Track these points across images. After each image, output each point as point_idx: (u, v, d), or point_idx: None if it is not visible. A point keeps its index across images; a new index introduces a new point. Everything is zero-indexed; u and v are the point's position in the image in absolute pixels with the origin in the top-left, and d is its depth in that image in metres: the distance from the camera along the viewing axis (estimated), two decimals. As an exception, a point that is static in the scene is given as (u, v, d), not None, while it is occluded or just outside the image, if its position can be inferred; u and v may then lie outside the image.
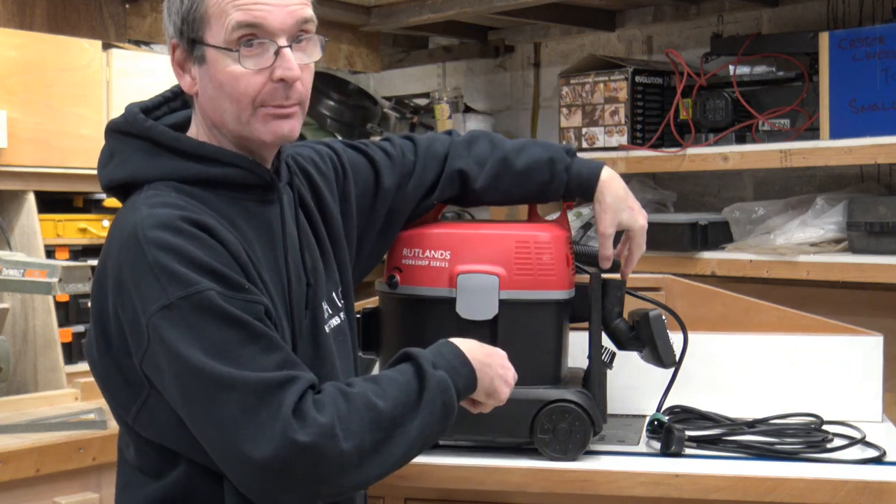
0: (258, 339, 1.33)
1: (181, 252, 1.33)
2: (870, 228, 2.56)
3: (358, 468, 1.33)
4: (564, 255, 1.81)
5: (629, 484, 1.76)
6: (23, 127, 2.71)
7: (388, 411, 1.36)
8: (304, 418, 1.29)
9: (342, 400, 1.34)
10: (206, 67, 1.44)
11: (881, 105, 2.57)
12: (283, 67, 1.42)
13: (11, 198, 2.81)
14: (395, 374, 1.42)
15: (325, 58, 3.65)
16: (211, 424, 1.31)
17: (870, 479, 1.70)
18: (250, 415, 1.29)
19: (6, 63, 2.70)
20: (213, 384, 1.30)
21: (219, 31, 1.41)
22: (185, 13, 1.43)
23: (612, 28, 3.50)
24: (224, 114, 1.45)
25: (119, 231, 1.39)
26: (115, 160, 1.47)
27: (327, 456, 1.30)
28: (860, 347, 2.07)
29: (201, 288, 1.32)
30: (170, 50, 1.48)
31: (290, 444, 1.28)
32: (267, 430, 1.28)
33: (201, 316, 1.31)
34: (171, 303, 1.31)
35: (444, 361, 1.45)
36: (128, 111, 1.49)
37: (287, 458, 1.28)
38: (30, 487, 2.22)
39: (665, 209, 3.21)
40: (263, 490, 1.32)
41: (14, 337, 2.74)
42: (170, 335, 1.31)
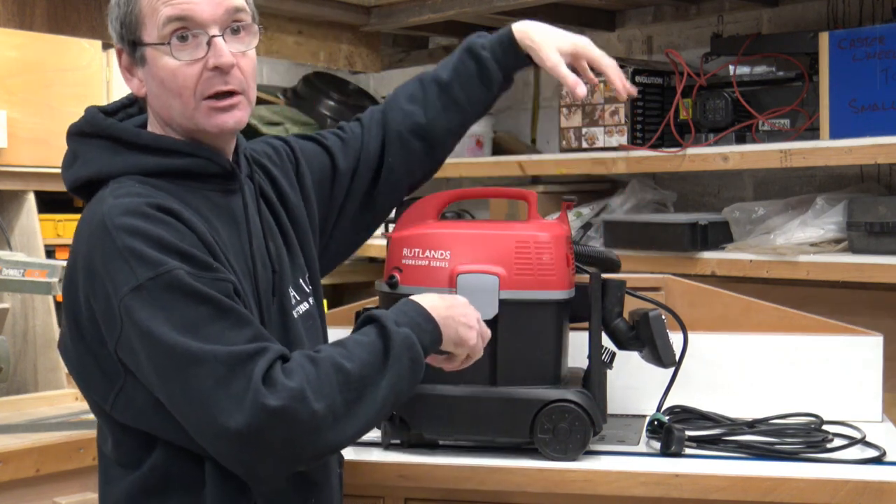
0: (227, 314, 1.36)
1: (148, 235, 1.37)
2: (870, 228, 2.56)
3: (332, 429, 1.36)
4: (564, 255, 1.81)
5: (629, 484, 1.76)
6: (23, 127, 2.71)
7: (356, 371, 1.39)
8: (274, 385, 1.32)
9: (310, 365, 1.37)
10: (148, 67, 1.50)
11: (881, 105, 2.57)
12: (215, 56, 1.46)
13: (11, 198, 2.80)
14: (360, 336, 1.45)
15: (325, 58, 3.66)
16: (185, 399, 1.34)
17: (870, 479, 1.70)
18: (223, 386, 1.31)
19: (6, 63, 2.70)
20: (184, 360, 1.32)
21: (153, 30, 1.47)
22: (123, 17, 1.50)
23: (612, 28, 3.50)
24: (171, 110, 1.50)
25: (87, 223, 1.43)
26: (79, 161, 1.51)
27: (299, 418, 1.32)
28: (860, 347, 2.07)
29: (170, 268, 1.35)
30: (117, 56, 1.55)
31: (261, 410, 1.30)
32: (239, 400, 1.31)
33: (171, 295, 1.34)
34: (140, 284, 1.34)
35: (407, 319, 1.48)
36: (88, 113, 1.54)
37: (260, 424, 1.31)
38: (30, 487, 2.22)
39: (665, 209, 3.21)
40: (242, 460, 1.35)
41: (14, 337, 2.73)
42: (141, 315, 1.34)
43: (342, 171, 1.80)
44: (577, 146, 3.13)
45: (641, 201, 3.16)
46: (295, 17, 3.57)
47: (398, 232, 1.86)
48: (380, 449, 1.88)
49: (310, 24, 3.61)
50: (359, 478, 1.83)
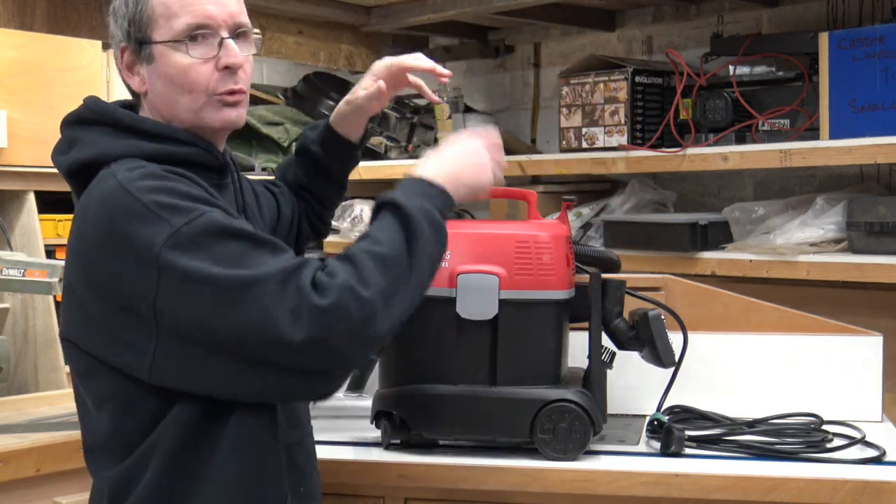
0: (264, 244, 1.41)
1: (173, 189, 1.41)
2: (870, 228, 2.56)
3: (386, 310, 1.39)
4: (564, 255, 1.81)
5: (629, 484, 1.76)
6: (23, 127, 2.71)
7: (389, 252, 1.42)
8: (321, 286, 1.36)
9: (346, 262, 1.41)
10: (155, 65, 1.55)
11: (881, 105, 2.57)
12: (227, 56, 1.55)
13: (11, 198, 2.80)
14: (378, 223, 1.48)
15: (325, 58, 3.66)
16: (245, 323, 1.35)
17: (870, 479, 1.70)
18: (278, 300, 1.34)
19: (6, 63, 2.70)
20: (237, 288, 1.35)
21: (166, 29, 1.53)
22: (132, 16, 1.55)
23: (612, 28, 3.50)
24: (176, 106, 1.55)
25: (97, 199, 1.44)
26: (77, 145, 1.54)
27: (353, 309, 1.35)
28: (860, 347, 2.07)
29: (202, 211, 1.39)
30: (118, 55, 1.59)
31: (317, 312, 1.34)
32: (296, 311, 1.34)
33: (207, 236, 1.38)
34: (176, 230, 1.37)
35: (414, 192, 1.52)
36: (89, 100, 1.58)
37: (321, 326, 1.34)
38: (30, 487, 2.22)
39: (665, 209, 3.21)
40: (315, 366, 1.37)
41: (14, 337, 2.73)
42: (182, 260, 1.36)
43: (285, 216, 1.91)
44: (577, 146, 3.13)
45: (641, 201, 3.16)
46: (295, 17, 3.57)
47: (398, 232, 1.86)
48: (380, 449, 1.88)
49: (310, 24, 3.61)
50: (359, 478, 1.83)
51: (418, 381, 1.82)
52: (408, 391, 1.83)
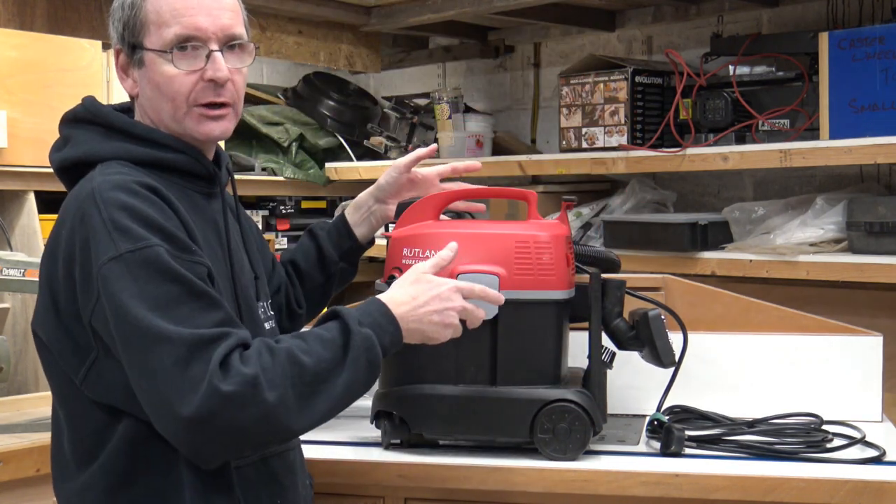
0: (199, 296, 1.40)
1: (134, 210, 1.41)
2: (869, 228, 2.56)
3: (282, 420, 1.38)
4: (564, 255, 1.81)
5: (629, 484, 1.76)
6: (23, 127, 2.71)
7: (312, 367, 1.41)
8: (229, 370, 1.35)
9: (267, 354, 1.39)
10: (145, 70, 1.57)
11: (881, 105, 2.57)
12: (213, 69, 1.55)
13: (11, 198, 2.81)
14: (321, 331, 1.47)
15: (325, 58, 3.66)
16: (144, 376, 1.36)
17: (869, 479, 1.70)
18: (181, 367, 1.33)
19: (6, 63, 2.70)
20: (149, 336, 1.35)
21: (156, 37, 1.55)
22: (126, 20, 1.58)
23: (612, 28, 3.50)
24: (161, 112, 1.57)
25: (74, 199, 1.47)
26: (70, 143, 1.56)
27: (250, 404, 1.35)
28: (860, 347, 2.07)
29: (150, 243, 1.39)
30: (114, 56, 1.61)
31: (214, 393, 1.33)
32: (195, 384, 1.33)
33: (146, 270, 1.38)
34: (119, 255, 1.38)
35: (370, 319, 1.49)
36: (86, 100, 1.60)
37: (212, 408, 1.33)
38: (30, 487, 2.22)
39: (665, 209, 3.21)
40: (191, 442, 1.37)
41: (14, 337, 2.74)
42: (115, 286, 1.37)
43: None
44: (577, 146, 3.13)
45: (641, 201, 3.16)
46: (295, 17, 3.57)
47: (398, 232, 1.86)
48: (380, 449, 1.88)
49: (310, 24, 3.61)
50: (359, 478, 1.83)
51: (418, 381, 1.82)
52: (408, 391, 1.83)
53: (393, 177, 1.97)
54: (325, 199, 4.00)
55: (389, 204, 1.98)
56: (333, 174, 3.83)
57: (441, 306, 1.56)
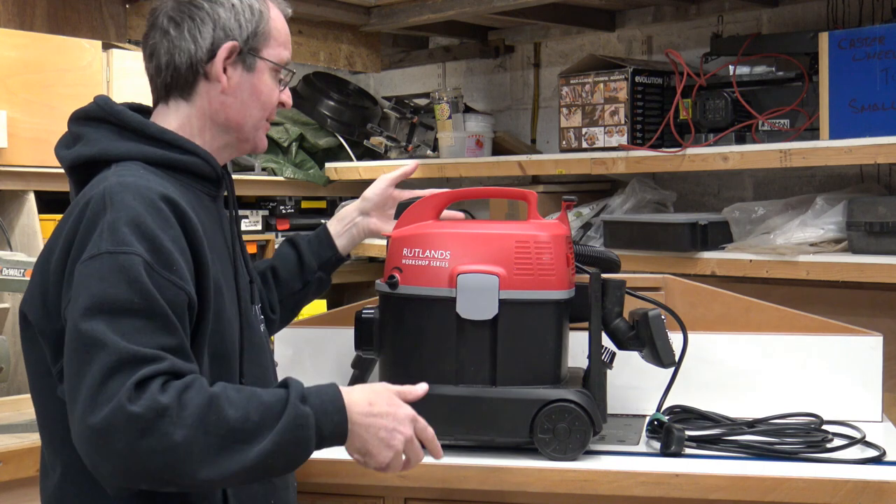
0: (154, 316, 1.37)
1: (135, 216, 1.41)
2: (870, 228, 2.56)
3: (182, 461, 1.32)
4: (564, 255, 1.81)
5: (629, 484, 1.76)
6: (23, 127, 2.71)
7: (234, 422, 1.35)
8: (144, 392, 1.32)
9: (193, 392, 1.34)
10: (251, 75, 1.63)
11: (881, 105, 2.57)
12: (287, 96, 1.70)
13: (11, 198, 2.81)
14: (265, 394, 1.41)
15: (325, 58, 3.66)
16: (71, 375, 1.35)
17: (869, 479, 1.70)
18: (104, 377, 1.32)
19: (6, 63, 2.70)
20: (88, 338, 1.34)
21: (275, 52, 1.65)
22: (255, 25, 1.62)
23: (612, 28, 3.50)
24: (247, 116, 1.63)
25: (84, 199, 1.46)
26: (82, 141, 1.56)
27: (151, 433, 1.30)
28: (860, 347, 2.07)
29: (130, 250, 1.38)
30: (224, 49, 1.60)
31: (119, 410, 1.30)
32: (109, 396, 1.31)
33: (116, 274, 1.37)
34: (98, 254, 1.38)
35: (318, 401, 1.43)
36: (99, 99, 1.59)
37: (113, 424, 1.30)
38: (30, 487, 2.22)
39: (665, 209, 3.21)
40: (89, 453, 1.33)
41: (14, 337, 2.73)
42: (82, 282, 1.37)
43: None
44: (577, 146, 3.13)
45: (641, 201, 3.16)
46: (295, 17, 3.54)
47: (398, 232, 1.86)
48: (380, 449, 1.88)
49: (310, 24, 3.61)
50: (359, 478, 1.83)
51: (418, 381, 1.82)
52: (408, 391, 1.82)
53: (381, 188, 2.03)
54: (325, 199, 4.00)
55: (373, 217, 2.02)
56: (333, 174, 3.83)
57: (392, 425, 1.48)
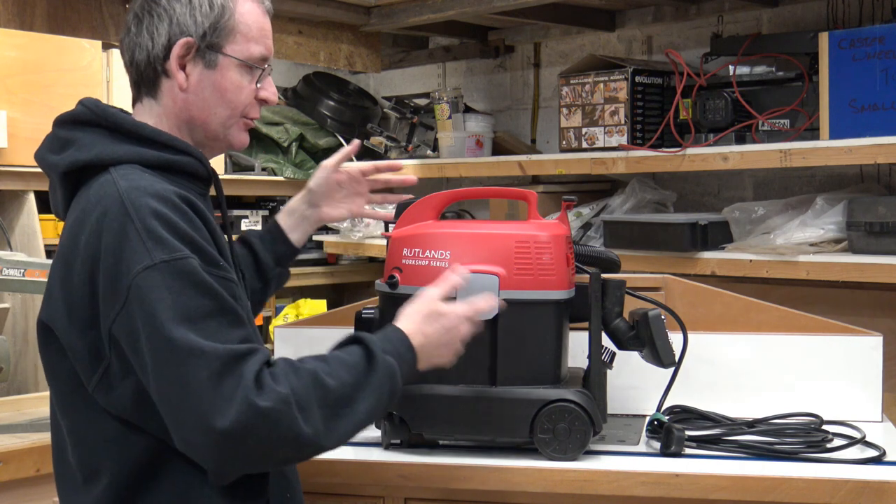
0: (227, 312, 1.40)
1: (168, 220, 1.41)
2: (870, 228, 2.56)
3: (309, 439, 1.38)
4: (564, 255, 1.81)
5: (629, 484, 1.76)
6: (23, 127, 2.71)
7: (335, 389, 1.43)
8: (263, 386, 1.36)
9: (293, 374, 1.40)
10: (212, 72, 1.58)
11: (881, 105, 2.57)
12: (270, 91, 1.64)
13: (11, 198, 2.81)
14: (344, 354, 1.49)
15: (325, 58, 3.66)
16: (175, 388, 1.35)
17: (869, 479, 1.70)
18: (215, 381, 1.34)
19: (6, 63, 2.70)
20: (182, 350, 1.35)
21: (242, 49, 1.59)
22: (214, 20, 1.57)
23: (612, 28, 3.50)
24: (212, 116, 1.60)
25: (95, 205, 1.44)
26: (75, 146, 1.53)
27: (283, 422, 1.36)
28: (860, 347, 2.07)
29: (185, 255, 1.39)
30: (174, 45, 1.56)
31: (250, 408, 1.33)
32: (229, 398, 1.33)
33: (181, 281, 1.38)
34: (154, 264, 1.37)
35: (392, 347, 1.53)
36: (89, 102, 1.57)
37: (248, 422, 1.33)
38: (30, 487, 2.22)
39: (665, 209, 3.21)
40: (220, 456, 1.36)
41: (14, 337, 2.74)
42: (149, 295, 1.36)
43: None
44: (577, 146, 3.13)
45: (641, 201, 3.16)
46: (295, 17, 3.57)
47: (398, 232, 1.86)
48: (380, 449, 1.88)
49: (310, 24, 3.61)
50: (359, 478, 1.83)
51: (418, 381, 1.82)
52: (408, 391, 1.82)
53: (322, 177, 2.01)
54: (325, 199, 3.99)
55: (323, 207, 2.02)
56: (333, 174, 3.83)
57: (449, 338, 1.61)
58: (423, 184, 3.92)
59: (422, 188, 3.93)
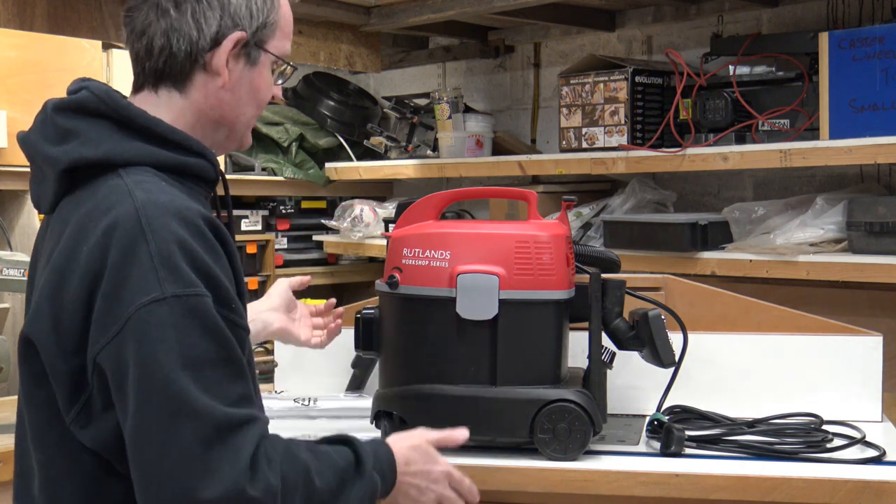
0: (230, 363, 1.28)
1: (187, 247, 1.28)
2: (870, 228, 2.56)
3: None
4: (564, 254, 1.81)
5: (629, 484, 1.76)
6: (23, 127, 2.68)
7: (321, 493, 1.35)
8: (257, 472, 1.26)
9: (288, 462, 1.32)
10: (253, 69, 1.46)
11: (881, 105, 2.57)
12: (279, 89, 1.53)
13: (11, 198, 2.81)
14: (335, 455, 1.41)
15: (325, 58, 3.66)
16: (156, 443, 1.23)
17: (869, 479, 1.70)
18: (204, 448, 1.22)
19: (6, 63, 2.70)
20: (176, 403, 1.23)
21: (280, 45, 1.49)
22: (266, 15, 1.46)
23: (612, 28, 3.50)
24: (241, 115, 1.48)
25: (102, 214, 1.30)
26: (79, 139, 1.37)
27: None
28: (860, 347, 2.07)
29: (199, 292, 1.26)
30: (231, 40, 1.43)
31: (240, 495, 1.23)
32: (220, 470, 1.22)
33: (190, 320, 1.25)
34: (164, 298, 1.24)
35: (380, 465, 1.46)
36: (97, 87, 1.40)
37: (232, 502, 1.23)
38: (30, 487, 2.22)
39: (665, 209, 3.21)
40: None
41: (14, 337, 2.73)
42: (151, 333, 1.24)
43: None
44: (577, 146, 3.13)
45: (641, 201, 3.16)
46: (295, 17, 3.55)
47: (398, 232, 1.86)
48: (380, 449, 1.88)
49: (310, 24, 3.61)
50: (359, 478, 1.83)
51: (418, 381, 1.82)
52: (408, 391, 1.83)
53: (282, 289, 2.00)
54: (325, 199, 4.00)
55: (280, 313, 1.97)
56: (333, 174, 3.83)
57: (424, 485, 1.53)
58: (423, 184, 3.93)
59: (422, 188, 3.93)
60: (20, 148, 1.46)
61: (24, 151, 1.44)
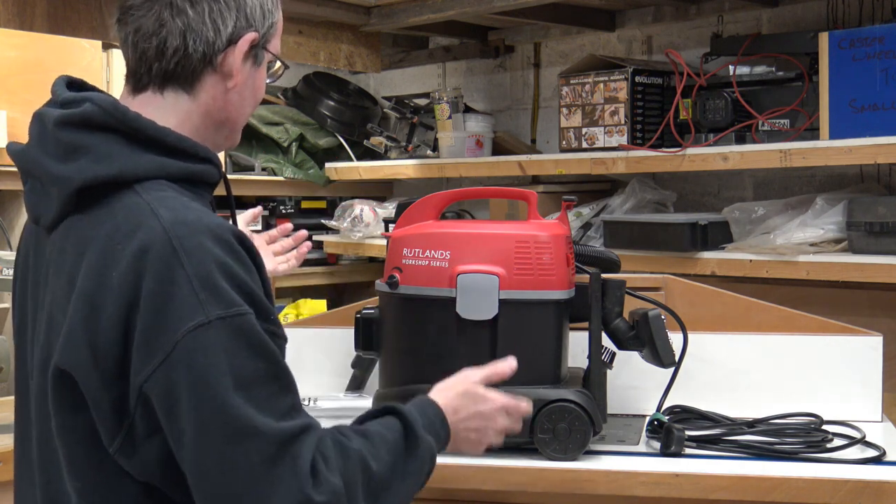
0: (279, 377, 1.27)
1: (225, 266, 1.25)
2: (870, 228, 2.56)
3: None
4: (564, 254, 1.81)
5: (629, 484, 1.76)
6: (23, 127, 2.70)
7: (380, 473, 1.33)
8: (318, 477, 1.25)
9: (342, 458, 1.30)
10: (256, 70, 1.44)
11: (881, 105, 2.57)
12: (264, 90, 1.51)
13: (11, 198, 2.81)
14: (384, 430, 1.38)
15: (325, 58, 3.66)
16: (223, 469, 1.22)
17: (869, 479, 1.70)
18: (268, 466, 1.22)
19: (6, 63, 2.70)
20: (235, 426, 1.21)
21: (277, 43, 1.46)
22: (274, 16, 1.45)
23: (612, 28, 3.50)
24: (242, 116, 1.46)
25: (126, 237, 1.26)
26: (89, 156, 1.32)
27: None
28: (860, 347, 2.07)
29: (242, 311, 1.24)
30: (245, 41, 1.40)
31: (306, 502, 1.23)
32: (283, 484, 1.22)
33: (237, 341, 1.23)
34: (209, 321, 1.22)
35: (430, 424, 1.44)
36: (104, 101, 1.35)
37: None
38: (30, 487, 2.21)
39: (665, 209, 3.21)
40: None
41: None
42: (201, 359, 1.21)
43: None
44: (577, 146, 3.13)
45: (641, 201, 3.16)
46: (295, 17, 3.57)
47: (398, 232, 1.86)
48: (380, 449, 1.88)
49: (310, 24, 3.61)
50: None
51: (418, 381, 1.82)
52: (408, 391, 1.82)
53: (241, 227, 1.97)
54: (325, 199, 4.00)
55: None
56: (333, 174, 3.84)
57: (482, 424, 1.53)
58: (423, 184, 3.93)
59: (422, 188, 3.93)
60: (14, 161, 1.40)
61: (20, 165, 1.39)
